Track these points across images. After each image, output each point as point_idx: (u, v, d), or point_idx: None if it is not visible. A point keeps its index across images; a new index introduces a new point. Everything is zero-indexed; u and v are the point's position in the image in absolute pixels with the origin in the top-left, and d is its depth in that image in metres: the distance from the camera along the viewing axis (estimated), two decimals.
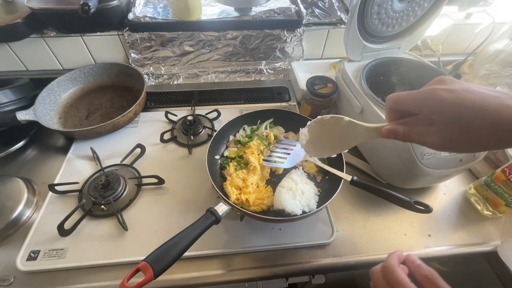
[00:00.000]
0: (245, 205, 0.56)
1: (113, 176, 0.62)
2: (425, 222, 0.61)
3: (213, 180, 0.56)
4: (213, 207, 0.49)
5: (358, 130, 0.41)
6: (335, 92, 0.70)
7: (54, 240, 0.55)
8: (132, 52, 0.87)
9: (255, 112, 0.70)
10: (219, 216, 0.48)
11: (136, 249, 0.54)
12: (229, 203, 0.51)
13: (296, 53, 0.93)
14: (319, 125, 0.46)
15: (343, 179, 0.55)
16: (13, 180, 0.63)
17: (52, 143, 0.75)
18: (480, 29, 0.95)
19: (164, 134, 0.74)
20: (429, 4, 0.61)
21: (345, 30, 0.60)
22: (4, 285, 0.51)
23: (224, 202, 0.51)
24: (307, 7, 0.90)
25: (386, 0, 0.57)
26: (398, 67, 0.67)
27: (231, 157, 0.66)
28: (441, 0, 0.61)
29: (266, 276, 0.55)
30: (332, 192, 0.54)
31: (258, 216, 0.53)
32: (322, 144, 0.48)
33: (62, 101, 0.81)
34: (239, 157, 0.65)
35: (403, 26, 0.64)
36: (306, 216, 0.52)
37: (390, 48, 0.68)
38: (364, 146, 0.70)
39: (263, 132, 0.68)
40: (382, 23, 0.62)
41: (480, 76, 0.84)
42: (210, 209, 0.49)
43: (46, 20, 0.80)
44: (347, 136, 0.43)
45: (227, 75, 0.94)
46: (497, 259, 0.57)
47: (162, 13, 0.85)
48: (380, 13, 0.59)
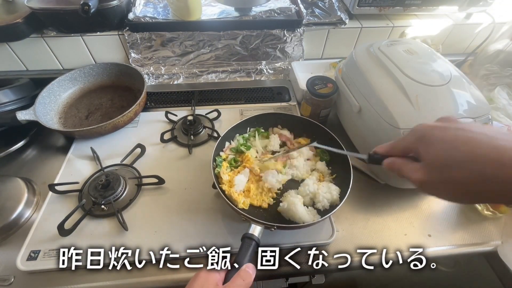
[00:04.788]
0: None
1: (113, 176, 0.62)
2: (425, 222, 0.61)
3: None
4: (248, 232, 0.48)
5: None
6: (335, 92, 0.70)
7: (54, 240, 0.55)
8: (132, 52, 0.87)
9: (264, 114, 0.69)
10: (257, 239, 0.47)
11: (136, 249, 0.54)
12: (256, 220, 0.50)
13: (296, 53, 0.94)
14: None
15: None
16: (13, 180, 0.63)
17: (52, 143, 0.75)
18: (480, 29, 0.95)
19: (164, 134, 0.74)
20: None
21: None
22: (4, 285, 0.51)
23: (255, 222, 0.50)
24: (307, 7, 0.90)
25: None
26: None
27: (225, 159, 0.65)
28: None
29: (266, 276, 0.55)
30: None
31: (287, 226, 0.54)
32: None
33: (62, 101, 0.81)
34: (234, 161, 0.65)
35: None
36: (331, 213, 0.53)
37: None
38: (362, 146, 0.70)
39: (257, 144, 0.68)
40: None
41: (480, 76, 0.84)
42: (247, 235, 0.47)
43: (46, 20, 0.80)
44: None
45: (227, 75, 0.94)
46: (497, 259, 0.57)
47: (162, 13, 0.85)
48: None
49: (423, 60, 0.62)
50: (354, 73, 0.67)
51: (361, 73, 0.64)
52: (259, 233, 0.48)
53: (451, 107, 0.55)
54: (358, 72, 0.65)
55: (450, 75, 0.58)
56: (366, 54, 0.67)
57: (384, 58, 0.63)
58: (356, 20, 0.91)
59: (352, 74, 0.68)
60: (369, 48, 0.67)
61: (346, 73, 0.70)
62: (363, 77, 0.63)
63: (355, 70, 0.66)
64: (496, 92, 0.77)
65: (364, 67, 0.64)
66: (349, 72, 0.69)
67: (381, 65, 0.62)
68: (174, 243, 0.55)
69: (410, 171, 0.34)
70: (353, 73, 0.67)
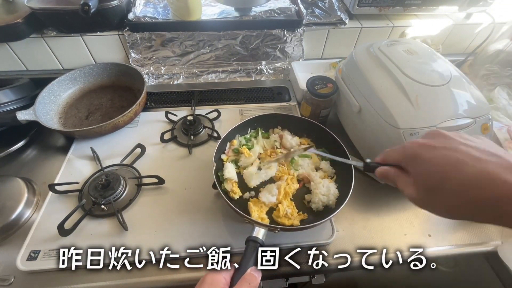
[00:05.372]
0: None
1: (113, 176, 0.62)
2: (425, 222, 0.61)
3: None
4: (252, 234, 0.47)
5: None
6: (335, 92, 0.70)
7: (54, 240, 0.55)
8: (132, 52, 0.87)
9: (264, 115, 0.69)
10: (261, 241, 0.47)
11: (136, 249, 0.54)
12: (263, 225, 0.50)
13: (296, 53, 0.94)
14: None
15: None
16: (13, 180, 0.63)
17: (52, 143, 0.75)
18: (480, 29, 0.95)
19: (164, 134, 0.74)
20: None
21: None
22: (4, 285, 0.51)
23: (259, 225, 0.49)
24: (307, 7, 0.90)
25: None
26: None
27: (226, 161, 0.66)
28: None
29: (266, 276, 0.55)
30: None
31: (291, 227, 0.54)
32: None
33: (62, 101, 0.81)
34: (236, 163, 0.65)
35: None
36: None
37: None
38: (362, 146, 0.70)
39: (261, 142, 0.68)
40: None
41: (480, 76, 0.85)
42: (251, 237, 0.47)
43: (46, 20, 0.80)
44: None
45: (227, 75, 0.94)
46: (497, 259, 0.57)
47: (162, 13, 0.85)
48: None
49: (423, 60, 0.62)
50: (354, 73, 0.67)
51: (361, 73, 0.64)
52: (263, 235, 0.47)
53: (451, 107, 0.55)
54: (358, 72, 0.65)
55: (450, 75, 0.58)
56: (366, 54, 0.67)
57: (384, 58, 0.63)
58: (356, 20, 0.91)
59: (352, 74, 0.68)
60: (369, 48, 0.67)
61: (346, 73, 0.70)
62: (363, 77, 0.63)
63: (355, 70, 0.66)
64: (496, 92, 0.77)
65: (364, 67, 0.64)
66: (349, 72, 0.69)
67: (381, 65, 0.62)
68: (174, 243, 0.55)
69: (403, 184, 0.34)
70: (353, 73, 0.68)
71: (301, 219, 0.57)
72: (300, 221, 0.57)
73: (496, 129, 0.68)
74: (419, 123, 0.54)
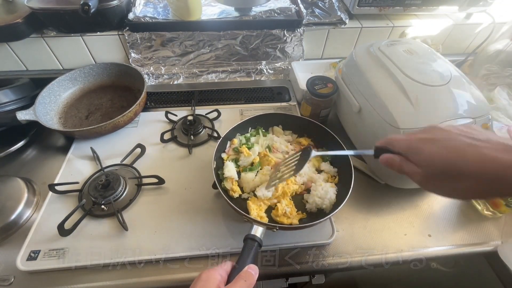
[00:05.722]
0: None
1: (113, 176, 0.62)
2: (425, 222, 0.61)
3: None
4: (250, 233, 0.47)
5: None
6: (335, 92, 0.70)
7: (54, 240, 0.55)
8: (132, 52, 0.87)
9: (264, 115, 0.69)
10: (259, 240, 0.46)
11: (136, 249, 0.54)
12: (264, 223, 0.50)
13: (296, 53, 0.94)
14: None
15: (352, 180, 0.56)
16: (13, 180, 0.63)
17: (52, 143, 0.75)
18: (480, 29, 0.95)
19: (164, 134, 0.74)
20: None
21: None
22: (4, 285, 0.51)
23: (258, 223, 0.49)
24: (307, 7, 0.90)
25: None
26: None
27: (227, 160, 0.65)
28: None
29: (266, 276, 0.55)
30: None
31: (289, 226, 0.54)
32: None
33: (62, 101, 0.81)
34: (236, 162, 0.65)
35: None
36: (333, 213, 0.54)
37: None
38: (362, 146, 0.70)
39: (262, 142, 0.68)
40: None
41: (480, 76, 0.85)
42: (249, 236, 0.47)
43: (46, 20, 0.80)
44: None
45: (227, 75, 0.94)
46: (497, 259, 0.57)
47: (162, 13, 0.86)
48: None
49: (423, 60, 0.62)
50: (354, 73, 0.67)
51: (361, 73, 0.64)
52: (261, 234, 0.47)
53: (451, 107, 0.55)
54: (358, 72, 0.65)
55: (450, 75, 0.58)
56: (366, 54, 0.67)
57: (384, 58, 0.63)
58: (356, 20, 0.91)
59: (352, 74, 0.68)
60: (369, 48, 0.67)
61: (346, 73, 0.70)
62: (363, 77, 0.63)
63: (355, 70, 0.66)
64: (496, 92, 0.77)
65: (364, 67, 0.64)
66: (349, 72, 0.69)
67: (381, 65, 0.62)
68: (174, 243, 0.55)
69: (411, 172, 0.37)
70: (353, 73, 0.68)
71: (300, 218, 0.57)
72: (299, 221, 0.57)
73: (496, 129, 0.68)
74: (419, 123, 0.54)
